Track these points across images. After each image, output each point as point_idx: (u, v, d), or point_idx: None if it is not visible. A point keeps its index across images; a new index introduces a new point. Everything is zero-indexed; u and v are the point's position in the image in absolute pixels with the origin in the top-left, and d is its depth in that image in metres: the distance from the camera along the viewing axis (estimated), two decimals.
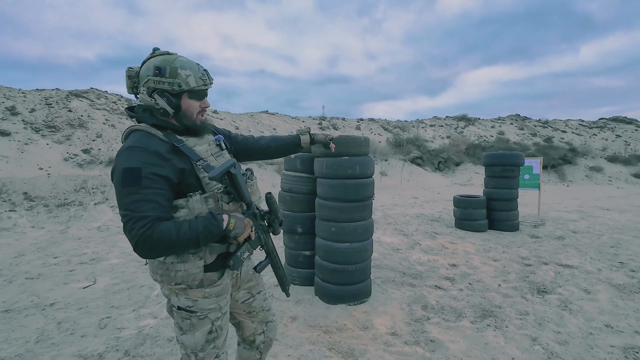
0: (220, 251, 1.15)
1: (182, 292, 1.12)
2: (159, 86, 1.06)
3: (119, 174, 0.97)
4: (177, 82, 1.06)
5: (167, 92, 1.06)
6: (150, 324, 2.44)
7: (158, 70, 1.05)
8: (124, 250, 4.43)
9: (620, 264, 3.76)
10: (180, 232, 0.98)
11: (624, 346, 2.13)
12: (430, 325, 2.41)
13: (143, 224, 0.93)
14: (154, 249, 0.96)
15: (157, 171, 0.99)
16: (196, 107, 1.13)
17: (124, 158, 0.99)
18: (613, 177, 16.62)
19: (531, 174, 6.24)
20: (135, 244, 0.94)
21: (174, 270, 1.07)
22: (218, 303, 1.16)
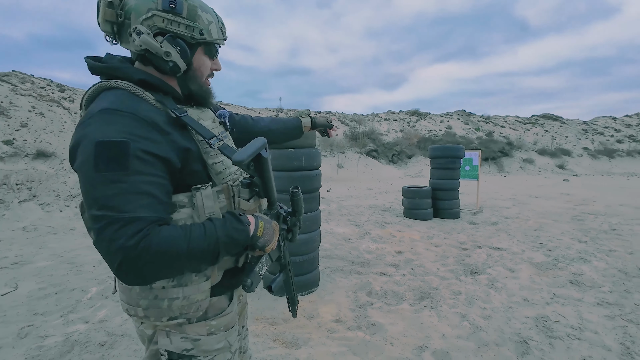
0: (228, 266, 0.81)
1: (176, 329, 0.77)
2: (172, 28, 0.74)
3: (89, 152, 0.62)
4: (199, 28, 0.76)
5: (182, 38, 0.75)
6: (80, 329, 2.26)
7: (173, 5, 0.72)
8: (54, 251, 4.03)
9: (540, 245, 4.24)
10: (192, 242, 0.65)
11: (536, 316, 2.42)
12: (372, 310, 2.53)
13: (134, 230, 0.60)
14: (151, 270, 0.62)
15: (152, 149, 0.66)
16: (208, 67, 0.84)
17: (98, 126, 0.63)
18: (542, 168, 18.61)
19: (471, 166, 6.75)
20: (119, 263, 0.59)
21: (168, 298, 0.72)
22: (227, 340, 0.82)
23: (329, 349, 2.02)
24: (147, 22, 0.72)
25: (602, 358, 1.93)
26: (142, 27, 0.71)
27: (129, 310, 0.76)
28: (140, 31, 0.71)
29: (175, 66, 0.75)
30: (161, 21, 0.72)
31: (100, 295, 2.79)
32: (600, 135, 23.84)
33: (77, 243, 4.42)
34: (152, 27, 0.73)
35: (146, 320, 0.76)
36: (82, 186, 0.63)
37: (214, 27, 0.79)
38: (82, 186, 0.63)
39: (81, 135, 0.64)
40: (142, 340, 0.83)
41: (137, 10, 0.72)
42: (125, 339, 2.13)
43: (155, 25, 0.73)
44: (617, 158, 20.47)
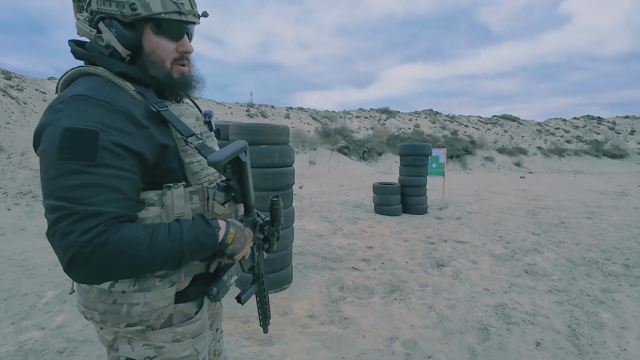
0: (198, 271, 0.77)
1: (138, 336, 0.73)
2: (103, 9, 0.67)
3: (54, 138, 0.58)
4: (130, 3, 0.67)
5: (115, 18, 0.68)
6: (35, 336, 2.10)
7: None
8: (2, 254, 3.70)
9: (499, 238, 4.54)
10: (154, 242, 0.61)
11: (496, 304, 2.60)
12: (345, 304, 2.58)
13: (91, 225, 0.56)
14: (104, 270, 0.58)
15: (124, 141, 0.63)
16: (168, 50, 0.73)
17: (68, 112, 0.60)
18: (501, 166, 19.83)
19: (438, 163, 7.05)
20: (70, 258, 0.55)
21: (128, 303, 0.68)
22: (194, 347, 0.78)
23: (302, 344, 2.05)
24: (90, 7, 0.69)
25: (552, 340, 2.11)
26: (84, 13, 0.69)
27: (85, 313, 0.72)
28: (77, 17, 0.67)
29: (114, 51, 0.70)
30: (96, 3, 0.68)
31: (57, 300, 2.61)
32: (552, 136, 25.80)
33: (29, 244, 4.09)
34: (92, 12, 0.69)
35: (103, 325, 0.71)
36: (42, 173, 0.59)
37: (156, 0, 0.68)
38: (42, 173, 0.59)
39: (48, 120, 0.61)
40: (104, 344, 0.78)
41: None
42: (87, 345, 2.02)
43: (93, 9, 0.68)
44: (566, 157, 22.28)
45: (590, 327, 2.28)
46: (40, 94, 9.40)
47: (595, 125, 28.60)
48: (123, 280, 0.68)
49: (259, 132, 2.68)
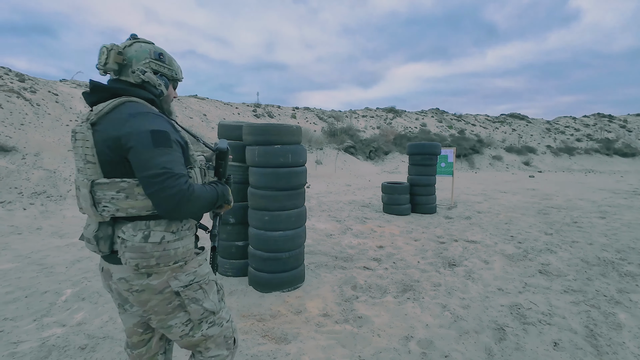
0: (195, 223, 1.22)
1: (179, 271, 1.09)
2: (160, 69, 1.16)
3: (146, 135, 0.97)
4: (174, 71, 1.21)
5: (165, 76, 1.18)
6: (57, 333, 2.15)
7: (161, 56, 1.16)
8: (19, 253, 3.78)
9: (511, 237, 4.50)
10: (207, 192, 1.09)
11: (510, 304, 2.58)
12: (358, 303, 2.59)
13: (184, 180, 0.98)
14: (192, 206, 1.01)
15: (177, 138, 1.07)
16: (172, 95, 1.25)
17: (149, 121, 1.01)
18: (509, 165, 19.62)
19: (446, 162, 7.01)
20: (179, 200, 0.96)
21: (173, 248, 1.05)
22: (207, 268, 1.22)
23: (318, 342, 2.06)
24: (146, 65, 1.12)
25: (570, 340, 2.10)
26: (141, 67, 1.10)
27: (139, 265, 1.01)
28: (145, 70, 1.11)
29: (161, 92, 1.17)
30: (155, 65, 1.14)
31: (76, 297, 2.66)
32: (561, 134, 25.44)
33: (45, 243, 4.17)
34: (148, 68, 1.12)
35: (156, 268, 1.03)
36: (142, 155, 0.96)
37: (179, 70, 1.24)
38: (142, 155, 0.96)
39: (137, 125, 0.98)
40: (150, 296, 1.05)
41: (137, 57, 1.11)
42: (108, 341, 2.06)
43: (150, 67, 1.13)
44: (576, 155, 21.96)
45: (608, 328, 2.25)
46: (52, 96, 9.56)
47: (606, 123, 28.14)
48: (169, 234, 1.04)
49: (272, 132, 2.70)
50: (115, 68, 1.08)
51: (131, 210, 1.01)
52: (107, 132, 0.99)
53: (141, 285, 1.04)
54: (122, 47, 1.09)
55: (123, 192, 1.00)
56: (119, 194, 1.00)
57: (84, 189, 1.02)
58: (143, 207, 1.01)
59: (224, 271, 3.09)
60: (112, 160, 1.00)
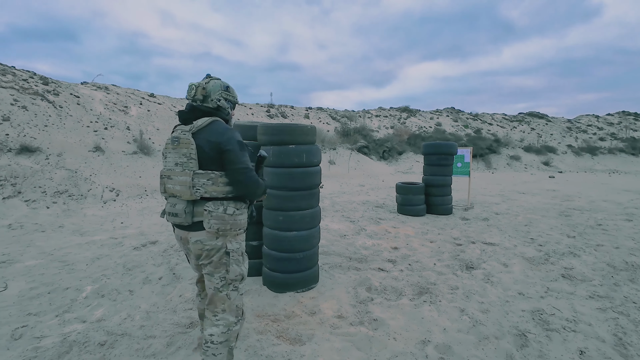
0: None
1: (236, 237, 1.58)
2: (229, 97, 1.66)
3: (236, 142, 1.51)
4: (235, 97, 1.70)
5: (231, 101, 1.68)
6: (78, 329, 2.20)
7: (228, 88, 1.65)
8: (42, 250, 3.91)
9: (531, 240, 4.36)
10: (263, 183, 1.60)
11: (532, 309, 2.49)
12: (373, 305, 2.55)
13: (254, 173, 1.55)
14: (258, 190, 1.56)
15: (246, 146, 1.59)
16: (233, 114, 1.74)
17: (236, 134, 1.54)
18: (528, 165, 19.06)
19: (463, 162, 6.86)
20: (253, 185, 1.53)
21: (239, 219, 1.55)
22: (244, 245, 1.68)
23: (333, 344, 2.04)
24: (220, 95, 1.62)
25: (597, 349, 2.00)
26: (216, 97, 1.60)
27: (220, 228, 1.49)
28: (219, 99, 1.61)
29: (229, 114, 1.67)
30: (225, 95, 1.64)
31: (96, 294, 2.73)
32: (583, 133, 24.54)
33: (67, 241, 4.30)
34: (221, 97, 1.62)
35: (228, 233, 1.53)
36: (235, 156, 1.49)
37: (237, 96, 1.71)
38: (235, 156, 1.49)
39: (230, 136, 1.51)
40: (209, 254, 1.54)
41: (213, 90, 1.60)
42: (126, 338, 2.09)
43: (222, 96, 1.62)
44: (599, 155, 21.13)
45: (638, 337, 2.14)
46: (74, 98, 9.88)
47: (631, 121, 26.97)
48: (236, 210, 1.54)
49: (286, 132, 2.69)
50: (200, 98, 1.58)
51: (214, 192, 1.49)
52: (208, 138, 1.48)
53: (211, 245, 1.52)
54: (204, 83, 1.59)
55: (211, 180, 1.48)
56: (208, 181, 1.48)
57: (184, 177, 1.48)
58: (221, 191, 1.50)
59: None
60: (210, 157, 1.48)
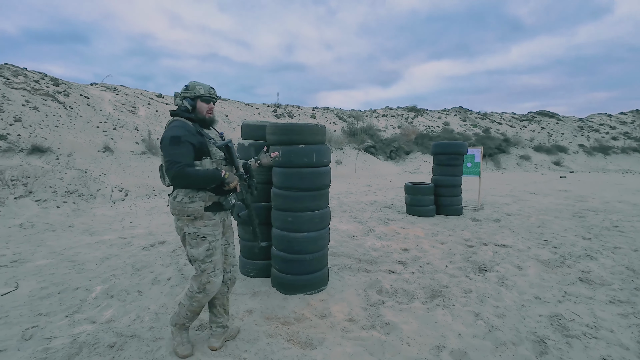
0: (215, 200, 1.82)
1: (191, 222, 1.79)
2: (186, 94, 1.84)
3: (168, 138, 1.68)
4: (194, 91, 1.83)
5: (189, 97, 1.83)
6: (88, 330, 2.19)
7: (187, 86, 1.85)
8: (53, 249, 3.94)
9: (545, 242, 4.25)
10: (200, 173, 1.69)
11: (550, 314, 2.40)
12: (385, 308, 2.49)
13: (179, 166, 1.64)
14: (184, 181, 1.68)
15: (189, 140, 1.71)
16: (205, 108, 1.85)
17: (171, 131, 1.71)
18: (538, 165, 18.75)
19: (473, 162, 6.74)
20: (173, 176, 1.65)
21: (187, 207, 1.75)
22: (213, 231, 1.83)
23: (344, 349, 1.99)
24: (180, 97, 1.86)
25: (621, 357, 1.92)
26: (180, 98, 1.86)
27: (172, 212, 1.80)
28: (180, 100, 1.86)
29: (187, 108, 1.83)
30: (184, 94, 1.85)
31: (105, 295, 2.72)
32: (595, 132, 24.06)
33: (77, 240, 4.33)
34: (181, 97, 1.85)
35: (181, 217, 1.79)
36: (164, 151, 1.69)
37: (202, 90, 1.83)
38: (164, 151, 1.69)
39: (166, 134, 1.71)
40: (178, 232, 1.86)
41: (176, 95, 1.88)
42: (135, 340, 2.07)
43: (181, 97, 1.85)
44: (612, 155, 20.69)
45: None
46: (84, 99, 9.99)
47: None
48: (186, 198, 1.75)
49: (295, 132, 2.65)
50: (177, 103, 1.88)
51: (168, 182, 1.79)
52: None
53: (175, 225, 1.85)
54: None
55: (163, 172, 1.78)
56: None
57: (161, 170, 1.81)
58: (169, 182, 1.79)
59: (246, 272, 3.08)
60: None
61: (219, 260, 1.86)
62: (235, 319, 2.32)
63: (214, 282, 1.83)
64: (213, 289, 1.84)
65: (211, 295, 1.85)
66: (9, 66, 9.71)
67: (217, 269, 1.85)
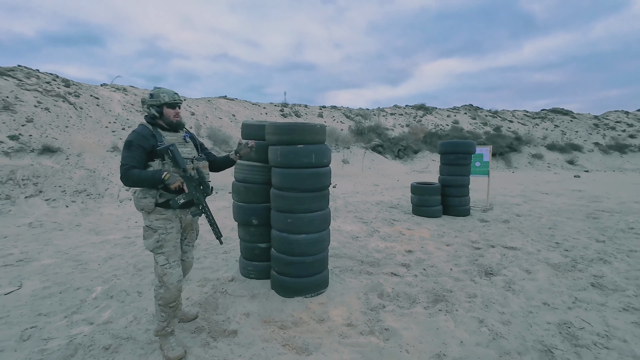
0: (167, 197, 1.92)
1: (146, 215, 1.94)
2: (152, 102, 1.96)
3: (124, 142, 1.88)
4: (158, 99, 1.95)
5: (155, 105, 1.96)
6: (85, 331, 2.19)
7: (152, 94, 1.97)
8: (59, 248, 3.99)
9: (556, 244, 4.10)
10: (141, 175, 1.82)
11: (559, 322, 2.30)
12: (385, 313, 2.43)
13: (125, 167, 1.81)
14: (129, 180, 1.82)
15: (140, 144, 1.87)
16: (171, 113, 1.98)
17: (129, 135, 1.90)
18: (551, 164, 18.29)
19: (481, 162, 6.59)
20: (121, 176, 1.82)
21: (141, 202, 1.91)
22: (165, 225, 1.94)
23: (341, 355, 1.93)
24: (146, 103, 2.00)
25: None
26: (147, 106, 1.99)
27: (135, 206, 1.95)
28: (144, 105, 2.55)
29: (154, 115, 1.98)
30: (149, 102, 1.98)
31: (105, 295, 2.73)
32: (612, 130, 23.33)
33: (83, 239, 4.38)
34: (147, 105, 1.99)
35: (138, 209, 1.94)
36: (121, 154, 1.89)
37: (166, 97, 1.95)
38: (121, 154, 1.89)
39: (125, 139, 1.92)
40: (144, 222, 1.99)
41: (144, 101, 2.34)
42: (130, 343, 2.06)
43: (147, 104, 1.99)
44: (629, 153, 20.03)
45: None
46: (94, 100, 10.15)
47: None
48: (140, 194, 1.91)
49: (295, 132, 2.60)
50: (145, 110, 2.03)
51: None
52: None
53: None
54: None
55: None
56: None
57: None
58: None
59: (247, 273, 3.05)
60: None
61: (173, 253, 1.95)
62: (232, 322, 2.28)
63: (170, 274, 1.92)
64: (171, 281, 1.91)
65: (172, 288, 1.91)
66: (22, 68, 9.93)
67: (172, 261, 1.94)
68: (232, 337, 2.11)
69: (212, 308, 2.49)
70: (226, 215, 5.63)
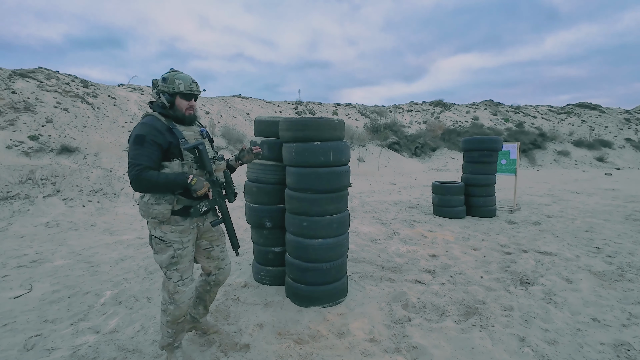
0: (185, 204, 1.65)
1: (159, 226, 1.64)
2: (163, 89, 1.64)
3: (133, 137, 1.55)
4: (171, 87, 1.62)
5: (166, 92, 1.63)
6: (90, 341, 2.06)
7: (165, 79, 1.64)
8: (72, 249, 3.94)
9: (596, 250, 3.74)
10: (160, 178, 1.53)
11: (614, 343, 2.00)
12: (411, 327, 2.19)
13: (137, 169, 1.49)
14: (141, 185, 1.51)
15: (154, 139, 1.55)
16: (184, 106, 1.67)
17: (137, 129, 1.58)
18: (579, 161, 17.38)
19: (508, 159, 6.20)
20: (131, 180, 1.49)
21: (152, 208, 1.59)
22: (181, 238, 1.67)
23: None
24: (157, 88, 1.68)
25: None
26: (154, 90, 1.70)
27: (140, 213, 1.65)
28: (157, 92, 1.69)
29: (164, 104, 1.66)
30: (161, 87, 1.65)
31: (113, 300, 2.61)
32: None
33: (97, 240, 4.33)
34: (158, 90, 1.67)
35: (147, 219, 1.64)
36: (129, 151, 1.55)
37: (182, 86, 1.63)
38: (129, 151, 1.55)
39: (132, 133, 1.58)
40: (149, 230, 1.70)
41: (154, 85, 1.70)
42: (136, 355, 1.91)
43: (158, 88, 1.67)
44: None
45: None
46: (111, 100, 10.27)
47: None
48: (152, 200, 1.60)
49: (311, 127, 2.39)
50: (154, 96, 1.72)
51: None
52: None
53: (147, 224, 1.70)
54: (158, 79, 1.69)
55: None
56: None
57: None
58: None
59: (260, 278, 2.87)
60: None
61: (187, 269, 1.71)
62: (245, 334, 2.11)
63: (182, 292, 1.69)
64: (182, 299, 1.69)
65: (183, 307, 1.71)
66: (42, 70, 10.15)
67: (186, 277, 1.70)
68: (244, 351, 1.94)
69: (223, 317, 2.32)
70: (239, 215, 5.50)
